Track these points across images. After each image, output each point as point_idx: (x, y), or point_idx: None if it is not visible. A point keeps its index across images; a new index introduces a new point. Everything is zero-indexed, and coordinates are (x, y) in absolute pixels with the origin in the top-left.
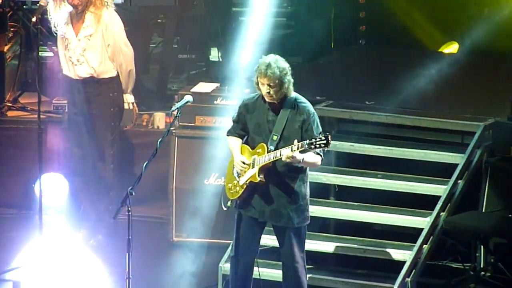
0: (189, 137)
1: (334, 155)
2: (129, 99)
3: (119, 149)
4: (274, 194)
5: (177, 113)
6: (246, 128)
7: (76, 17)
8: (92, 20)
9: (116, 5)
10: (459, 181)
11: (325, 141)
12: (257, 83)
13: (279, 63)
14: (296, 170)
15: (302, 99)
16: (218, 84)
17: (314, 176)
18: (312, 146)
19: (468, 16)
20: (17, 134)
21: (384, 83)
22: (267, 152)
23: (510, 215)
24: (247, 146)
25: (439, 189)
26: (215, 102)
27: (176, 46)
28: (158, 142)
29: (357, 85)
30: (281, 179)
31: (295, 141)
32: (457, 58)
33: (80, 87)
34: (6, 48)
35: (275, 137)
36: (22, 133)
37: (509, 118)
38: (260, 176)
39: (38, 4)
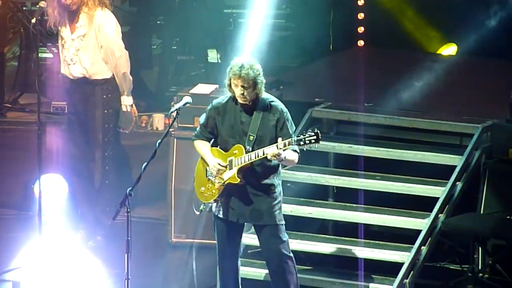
0: (188, 138)
1: (332, 157)
2: (126, 101)
3: (114, 151)
4: (253, 193)
5: (176, 114)
6: (214, 131)
7: (71, 16)
8: (85, 21)
9: (115, 6)
10: (458, 182)
11: (315, 137)
12: (230, 85)
13: (252, 64)
14: (271, 169)
15: (273, 98)
16: (217, 86)
17: (312, 178)
18: (302, 143)
19: (467, 18)
20: (16, 135)
21: (383, 85)
22: (246, 153)
23: (508, 217)
24: (218, 149)
25: (438, 191)
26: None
27: (175, 47)
28: (157, 143)
29: (355, 87)
30: (258, 178)
31: (279, 139)
32: (456, 60)
33: (75, 87)
34: (6, 49)
35: (251, 137)
36: (22, 134)
37: (508, 120)
38: (239, 176)
39: (37, 6)
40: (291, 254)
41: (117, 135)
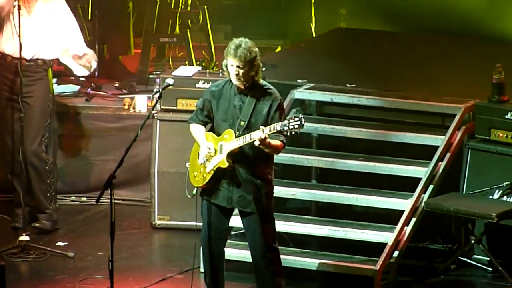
0: (171, 120)
1: (315, 138)
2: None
3: (53, 135)
4: (242, 179)
5: (159, 96)
6: (210, 115)
7: None
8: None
9: None
10: (440, 163)
11: (298, 123)
12: (226, 65)
13: (249, 45)
14: (263, 156)
15: (269, 86)
16: (199, 68)
17: (295, 159)
18: (286, 128)
19: None
20: None
21: (365, 66)
22: (235, 138)
23: (490, 197)
24: (212, 133)
25: (420, 171)
26: (196, 85)
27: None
28: (140, 126)
29: (338, 68)
30: (248, 164)
31: (265, 126)
32: (438, 39)
33: (23, 69)
34: None
35: (242, 123)
36: None
37: (490, 100)
38: (228, 161)
39: None
40: (277, 245)
41: (53, 117)
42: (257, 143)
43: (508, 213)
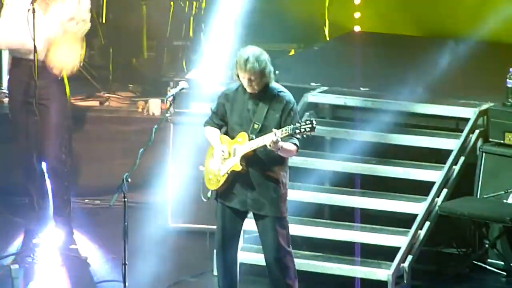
0: (185, 123)
1: (328, 142)
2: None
3: (71, 136)
4: (256, 182)
5: (173, 99)
6: (224, 118)
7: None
8: (65, 3)
9: None
10: (454, 166)
11: (310, 125)
12: (237, 75)
13: (258, 56)
14: (277, 159)
15: (282, 88)
16: (213, 70)
17: (308, 162)
18: (297, 131)
19: (464, 4)
20: None
21: (379, 70)
22: (249, 141)
23: (504, 200)
24: (227, 136)
25: (434, 175)
26: (210, 88)
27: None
28: (154, 129)
29: (351, 71)
30: (262, 167)
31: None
32: (453, 45)
33: (39, 72)
34: None
35: (256, 126)
36: None
37: (504, 104)
38: (242, 164)
39: None
40: (290, 249)
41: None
42: (269, 146)
43: None
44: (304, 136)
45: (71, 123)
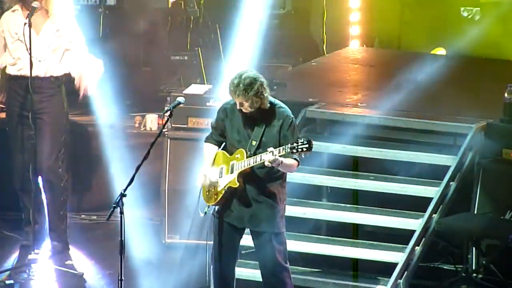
0: (182, 138)
1: (326, 157)
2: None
3: (68, 151)
4: (253, 198)
5: (170, 114)
6: (224, 134)
7: (37, 15)
8: (55, 17)
9: (109, 6)
10: (451, 182)
11: (307, 145)
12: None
13: (248, 83)
14: (274, 175)
15: (281, 104)
16: (210, 86)
17: (306, 178)
18: (294, 151)
19: (459, 19)
20: None
21: (377, 85)
22: (247, 157)
23: (501, 217)
24: (225, 152)
25: (431, 191)
26: (207, 103)
27: (168, 47)
28: (151, 144)
29: (349, 87)
30: (259, 184)
31: (271, 147)
32: (449, 59)
33: (36, 87)
34: None
35: (254, 143)
36: None
37: (502, 120)
38: (239, 181)
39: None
40: (287, 265)
41: (67, 133)
42: (267, 164)
43: None
44: (302, 156)
45: (68, 137)
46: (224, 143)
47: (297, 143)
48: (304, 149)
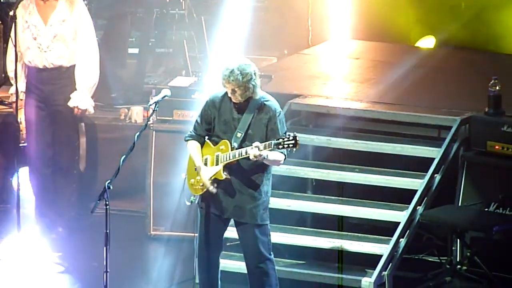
0: (167, 131)
1: (311, 149)
2: (82, 99)
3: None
4: (238, 190)
5: (155, 107)
6: (210, 126)
7: (45, 2)
8: (64, 6)
9: None
10: (436, 175)
11: (293, 142)
12: (223, 84)
13: (243, 69)
14: (259, 167)
15: (269, 97)
16: (195, 78)
17: (291, 170)
18: (280, 146)
19: (445, 10)
20: None
21: (362, 78)
22: (231, 149)
23: (486, 209)
24: (210, 143)
25: (416, 183)
26: (192, 96)
27: (153, 40)
28: (136, 136)
29: (334, 79)
30: (244, 175)
31: (257, 142)
32: (434, 52)
33: (48, 77)
34: None
35: (239, 134)
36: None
37: (486, 113)
38: (225, 173)
39: None
40: (271, 256)
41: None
42: (252, 158)
43: (504, 226)
44: (288, 151)
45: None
46: (207, 137)
47: (283, 139)
48: (290, 145)
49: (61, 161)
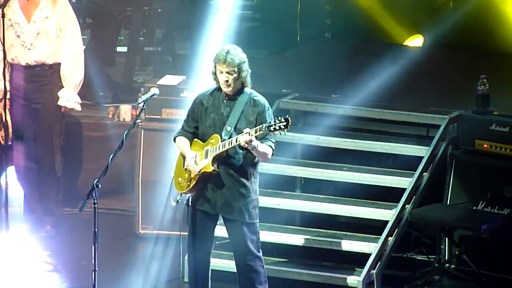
0: (155, 129)
1: (300, 148)
2: (69, 96)
3: (64, 138)
4: (227, 185)
5: (143, 105)
6: (198, 124)
7: (29, 2)
8: (48, 2)
9: None
10: (424, 173)
11: (285, 123)
12: (215, 73)
13: (238, 51)
14: (249, 164)
15: (257, 94)
16: (184, 77)
17: (280, 169)
18: (272, 128)
19: (434, 9)
20: None
21: (350, 76)
22: (221, 142)
23: (474, 208)
24: (198, 140)
25: (404, 182)
26: (181, 94)
27: (142, 38)
28: (124, 135)
29: (323, 78)
30: (234, 171)
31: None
32: (423, 51)
33: (31, 75)
34: None
35: (229, 128)
36: None
37: (474, 111)
38: (213, 165)
39: None
40: (260, 254)
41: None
42: (243, 144)
43: (492, 224)
44: (280, 133)
45: (63, 126)
46: (195, 135)
47: (274, 121)
48: (282, 127)
49: (42, 160)
